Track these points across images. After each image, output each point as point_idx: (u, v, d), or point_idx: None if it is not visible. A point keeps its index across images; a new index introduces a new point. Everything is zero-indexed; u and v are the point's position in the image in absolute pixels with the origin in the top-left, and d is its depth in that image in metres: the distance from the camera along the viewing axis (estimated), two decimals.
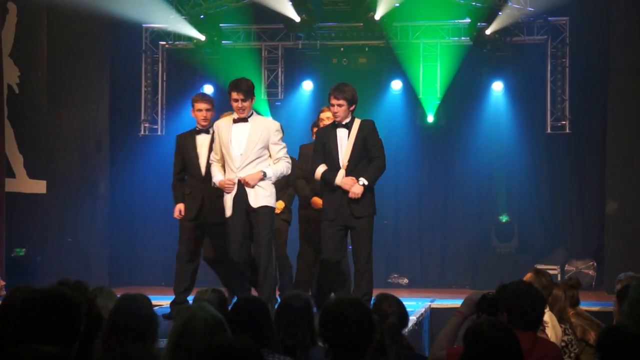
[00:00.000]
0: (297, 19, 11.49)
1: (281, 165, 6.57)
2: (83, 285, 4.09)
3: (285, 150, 6.64)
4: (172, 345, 3.06)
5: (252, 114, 6.60)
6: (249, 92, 6.52)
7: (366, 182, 6.59)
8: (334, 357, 3.12)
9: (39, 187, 10.57)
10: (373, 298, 4.11)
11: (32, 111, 10.46)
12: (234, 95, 6.52)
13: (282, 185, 7.45)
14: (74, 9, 10.47)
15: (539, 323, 4.06)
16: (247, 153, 6.49)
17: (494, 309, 3.82)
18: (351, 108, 6.66)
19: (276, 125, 6.68)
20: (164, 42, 12.29)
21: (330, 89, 6.74)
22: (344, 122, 6.67)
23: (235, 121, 6.57)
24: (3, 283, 7.04)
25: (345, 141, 6.66)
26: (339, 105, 6.61)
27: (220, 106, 12.41)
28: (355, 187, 6.56)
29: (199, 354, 2.67)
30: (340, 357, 3.11)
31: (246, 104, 6.51)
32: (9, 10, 9.99)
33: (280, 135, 6.68)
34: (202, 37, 11.80)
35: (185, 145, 7.07)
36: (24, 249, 9.95)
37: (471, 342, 3.17)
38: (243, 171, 6.48)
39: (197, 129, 7.08)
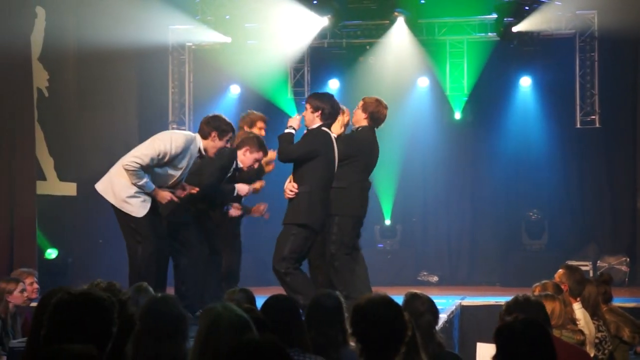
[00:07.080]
0: (325, 21, 11.46)
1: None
2: (115, 286, 4.10)
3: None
4: (199, 347, 3.04)
5: None
6: None
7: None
8: (367, 356, 3.12)
9: (70, 189, 10.65)
10: (403, 297, 4.08)
11: (62, 114, 10.54)
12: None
13: None
14: (101, 12, 10.54)
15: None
16: None
17: None
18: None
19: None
20: (190, 43, 12.33)
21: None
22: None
23: None
24: (37, 287, 7.06)
25: None
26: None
27: (243, 106, 12.48)
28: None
29: (225, 354, 2.65)
30: (373, 356, 3.10)
31: None
32: (38, 14, 10.06)
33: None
34: (228, 38, 11.82)
35: None
36: (56, 252, 10.04)
37: (503, 340, 3.12)
38: None
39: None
